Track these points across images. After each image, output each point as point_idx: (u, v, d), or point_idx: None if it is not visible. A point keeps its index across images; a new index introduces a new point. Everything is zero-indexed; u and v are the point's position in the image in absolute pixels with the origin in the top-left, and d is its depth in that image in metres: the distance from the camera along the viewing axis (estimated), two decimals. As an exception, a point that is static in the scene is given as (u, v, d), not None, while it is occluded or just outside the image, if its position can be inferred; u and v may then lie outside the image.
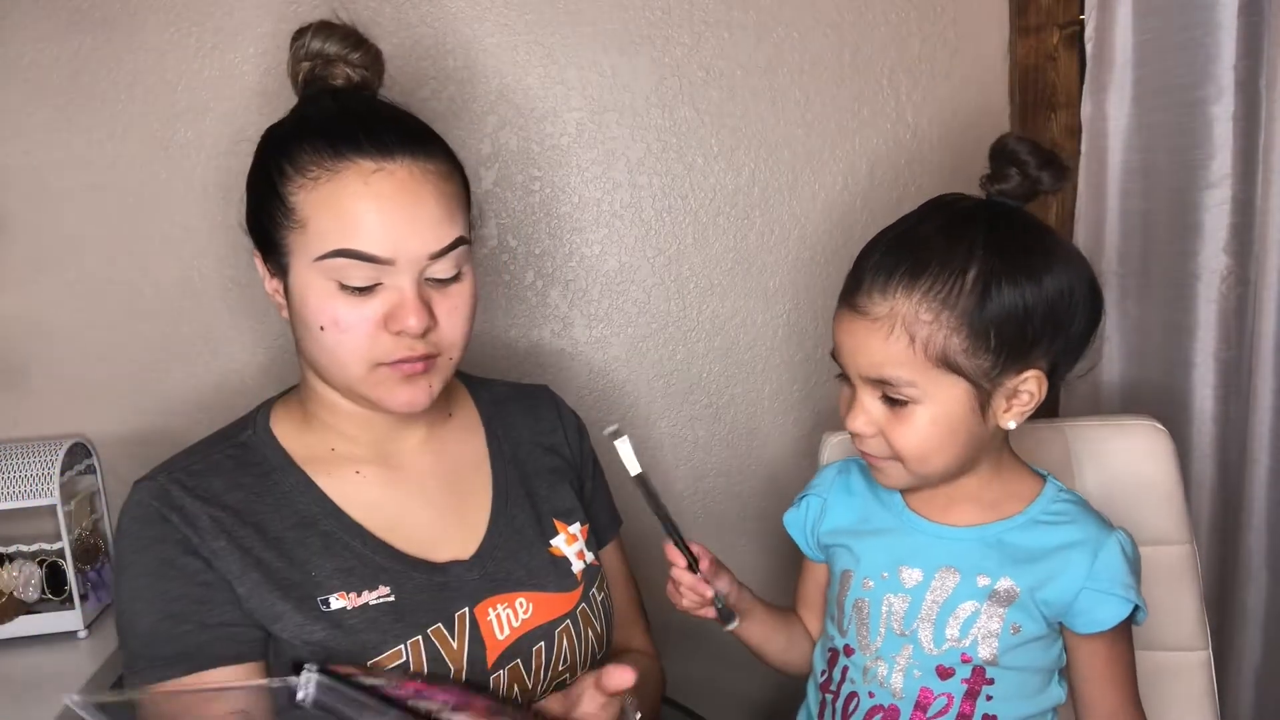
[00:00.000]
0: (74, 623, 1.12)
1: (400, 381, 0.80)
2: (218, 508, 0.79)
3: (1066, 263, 0.77)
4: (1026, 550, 0.80)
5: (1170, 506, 1.02)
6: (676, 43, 1.25)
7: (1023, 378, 0.77)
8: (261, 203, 0.80)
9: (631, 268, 1.30)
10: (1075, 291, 0.77)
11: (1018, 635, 0.79)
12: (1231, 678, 1.27)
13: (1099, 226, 1.28)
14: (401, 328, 0.77)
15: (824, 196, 1.30)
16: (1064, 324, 0.77)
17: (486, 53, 1.22)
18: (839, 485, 0.93)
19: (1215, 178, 1.18)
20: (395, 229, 0.76)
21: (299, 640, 0.78)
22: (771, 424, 1.36)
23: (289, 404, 0.89)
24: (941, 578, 0.81)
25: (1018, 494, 0.83)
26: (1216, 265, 1.20)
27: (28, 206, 1.18)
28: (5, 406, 1.21)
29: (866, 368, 0.77)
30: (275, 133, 0.82)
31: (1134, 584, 0.78)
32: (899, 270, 0.75)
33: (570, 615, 0.88)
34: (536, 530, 0.91)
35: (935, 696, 0.80)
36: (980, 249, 0.75)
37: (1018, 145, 0.78)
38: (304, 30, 0.83)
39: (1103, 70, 1.24)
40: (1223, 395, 1.23)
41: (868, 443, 0.80)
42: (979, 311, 0.74)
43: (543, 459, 0.96)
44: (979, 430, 0.78)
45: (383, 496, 0.86)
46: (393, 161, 0.77)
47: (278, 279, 0.82)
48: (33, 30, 1.15)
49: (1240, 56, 1.14)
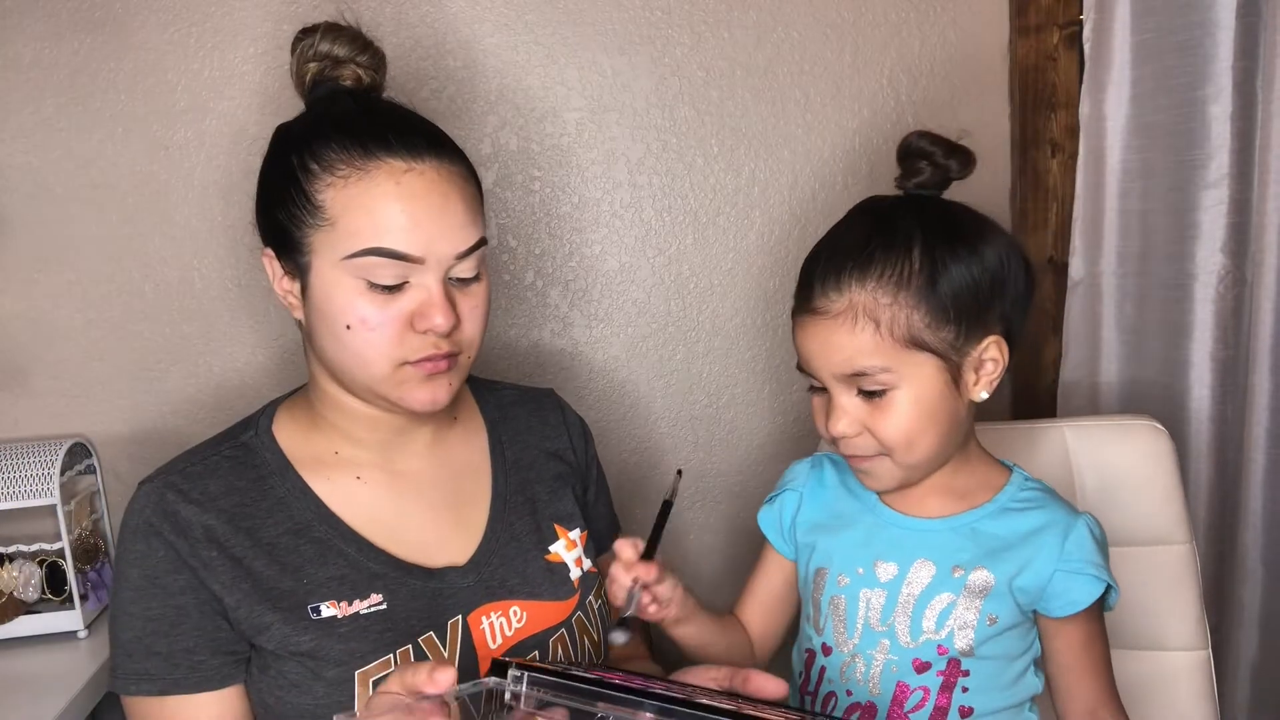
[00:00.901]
0: (74, 623, 1.12)
1: (422, 380, 0.80)
2: (212, 513, 0.80)
3: (993, 233, 0.81)
4: (999, 538, 0.81)
5: (1169, 506, 1.02)
6: (676, 43, 1.25)
7: (984, 345, 0.79)
8: (280, 201, 0.79)
9: (631, 268, 1.30)
10: (1009, 257, 0.81)
11: (994, 626, 0.80)
12: (1228, 675, 1.28)
13: (1097, 226, 1.28)
14: (429, 326, 0.77)
15: (824, 196, 1.30)
16: (1007, 287, 0.80)
17: (486, 53, 1.22)
18: (813, 480, 0.93)
19: (1213, 178, 1.18)
20: (426, 228, 0.76)
21: (285, 651, 0.78)
22: (772, 424, 1.36)
23: (295, 405, 0.89)
24: (916, 570, 0.82)
25: (986, 484, 0.85)
26: (1214, 265, 1.20)
27: (28, 206, 1.18)
28: (5, 406, 1.21)
29: (838, 364, 0.78)
30: (293, 130, 0.82)
31: (1104, 563, 0.80)
32: (847, 266, 0.78)
33: (565, 624, 0.88)
34: (535, 537, 0.90)
35: (912, 691, 0.81)
36: (917, 232, 0.78)
37: (920, 140, 0.82)
38: (310, 31, 0.83)
39: (1101, 70, 1.24)
40: (1220, 395, 1.24)
41: (853, 443, 0.81)
42: (932, 287, 0.76)
43: (546, 465, 0.96)
44: (956, 406, 0.80)
45: (382, 502, 0.86)
46: (422, 162, 0.77)
47: (293, 279, 0.81)
48: (33, 30, 1.15)
49: (1238, 57, 1.14)
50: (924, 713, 0.81)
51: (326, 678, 0.77)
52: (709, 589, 1.35)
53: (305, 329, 0.83)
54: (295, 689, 0.78)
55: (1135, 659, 1.00)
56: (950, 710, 0.81)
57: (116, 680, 0.80)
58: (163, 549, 0.78)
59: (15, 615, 1.11)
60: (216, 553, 0.78)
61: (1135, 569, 1.00)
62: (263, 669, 0.79)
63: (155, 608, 0.79)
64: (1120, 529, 1.02)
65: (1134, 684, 0.92)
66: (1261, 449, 1.18)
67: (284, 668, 0.78)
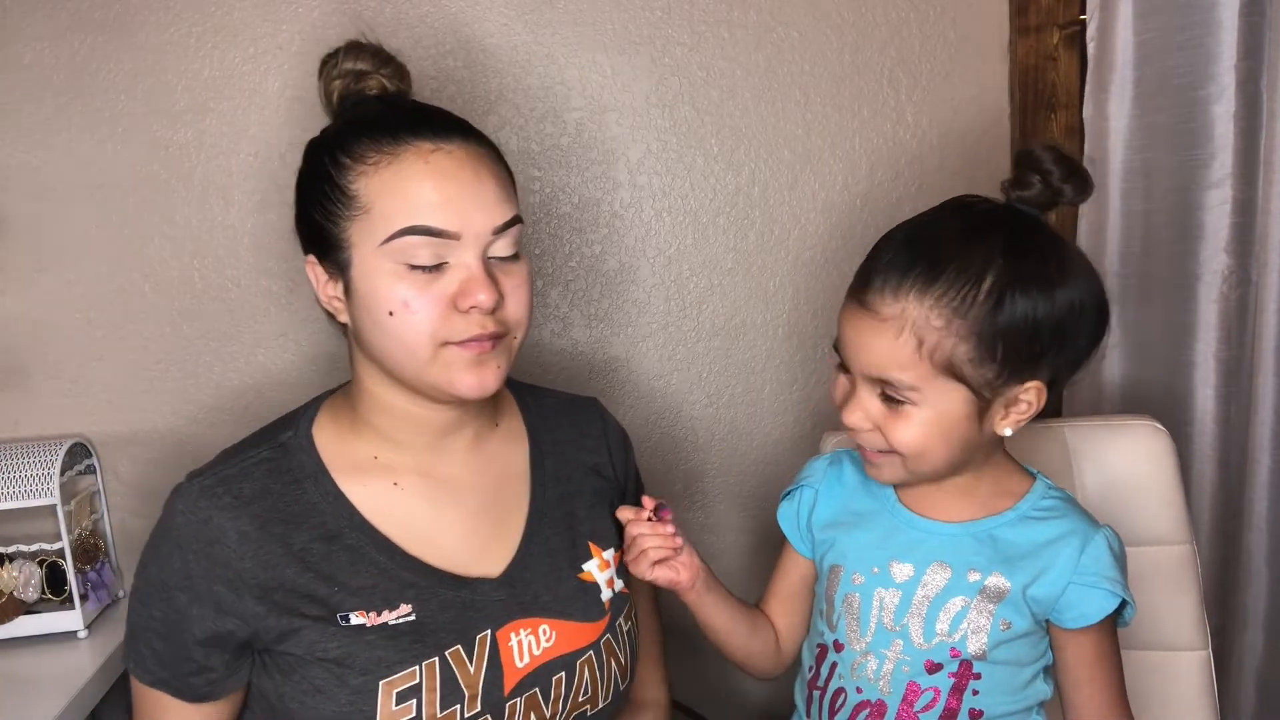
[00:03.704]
0: (74, 623, 1.12)
1: (469, 364, 0.78)
2: (245, 518, 0.79)
3: (1079, 277, 0.76)
4: (1016, 546, 0.80)
5: (1170, 507, 1.02)
6: (676, 43, 1.24)
7: (1024, 388, 0.76)
8: (316, 200, 0.80)
9: (631, 268, 1.30)
10: (1085, 306, 0.76)
11: (1008, 631, 0.79)
12: (1233, 678, 1.27)
13: (1100, 226, 1.28)
14: (473, 303, 0.77)
15: (824, 196, 1.30)
16: (1070, 338, 0.76)
17: (486, 53, 1.22)
18: (830, 476, 0.92)
19: (1216, 178, 1.18)
20: (459, 202, 0.77)
21: (312, 656, 0.78)
22: (771, 424, 1.36)
23: (337, 406, 0.88)
24: (932, 573, 0.81)
25: (1008, 490, 0.84)
26: (1218, 265, 1.20)
27: (28, 206, 1.18)
28: (5, 406, 1.21)
29: (869, 366, 0.77)
30: (324, 135, 0.83)
31: (1120, 579, 0.79)
32: (914, 271, 0.74)
33: (594, 646, 0.87)
34: (569, 555, 0.89)
35: (922, 691, 0.80)
36: (999, 256, 0.74)
37: (1043, 153, 0.77)
38: (334, 53, 0.85)
39: (1104, 70, 1.24)
40: (1224, 395, 1.23)
41: (864, 437, 0.80)
42: (990, 321, 0.73)
43: (585, 480, 0.95)
44: (973, 435, 0.78)
45: (418, 509, 0.85)
46: (449, 142, 0.78)
47: (335, 280, 0.81)
48: (33, 30, 1.15)
49: (1241, 56, 1.14)
50: (934, 713, 0.80)
51: (351, 685, 0.77)
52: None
53: (351, 329, 0.83)
54: (319, 694, 0.77)
55: (1135, 659, 0.99)
56: (960, 712, 0.80)
57: (125, 653, 0.84)
58: (180, 564, 0.79)
59: (15, 615, 1.11)
60: (250, 563, 0.78)
61: (1135, 569, 0.98)
62: (286, 674, 0.79)
63: (159, 610, 0.80)
64: (1120, 529, 1.00)
65: (1134, 684, 0.91)
66: (1266, 451, 1.18)
67: (309, 673, 0.78)
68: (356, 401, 0.86)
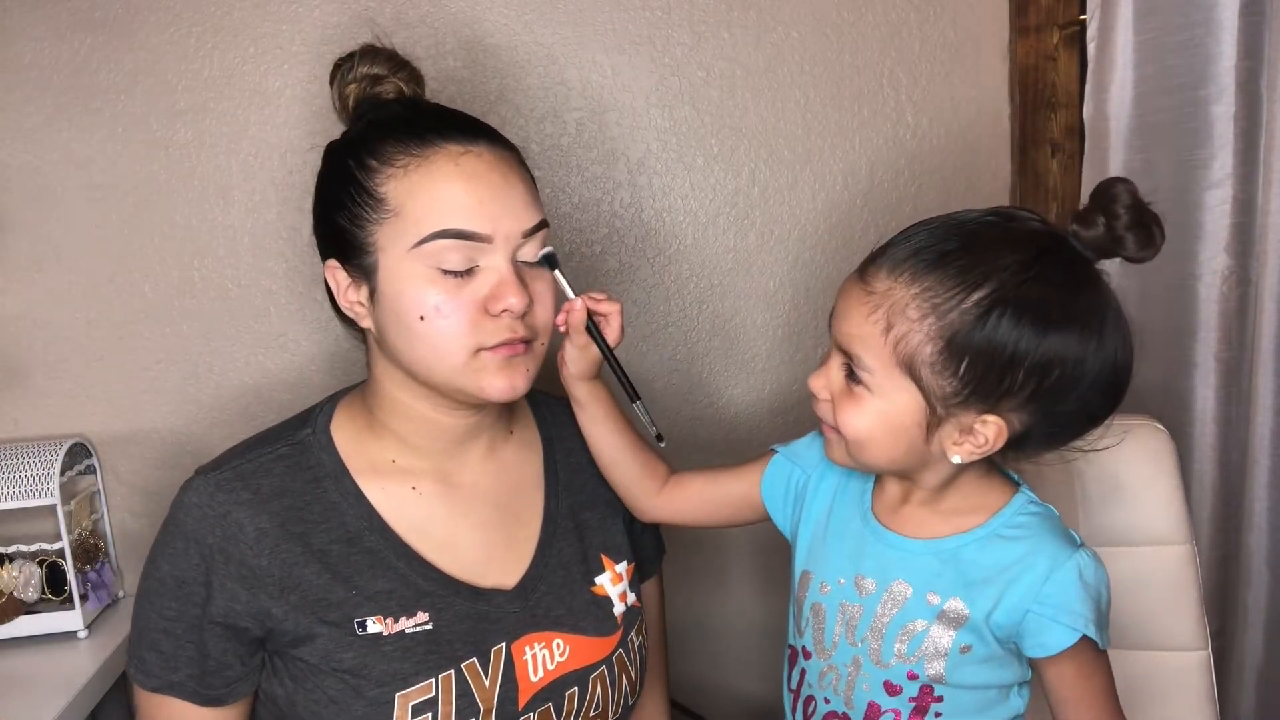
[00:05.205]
0: (74, 623, 1.12)
1: (500, 367, 0.78)
2: (264, 515, 0.78)
3: (1094, 337, 0.70)
4: (980, 567, 0.75)
5: (1170, 507, 1.02)
6: (676, 43, 1.24)
7: (982, 419, 0.71)
8: (340, 204, 0.79)
9: (631, 268, 1.30)
10: (1083, 368, 0.70)
11: (967, 655, 0.75)
12: (1234, 678, 1.27)
13: (1100, 226, 1.28)
14: (505, 306, 0.76)
15: (824, 196, 1.30)
16: (1051, 390, 0.70)
17: (486, 53, 1.22)
18: (824, 464, 0.88)
19: (1216, 178, 1.18)
20: (490, 205, 0.76)
21: (327, 666, 0.77)
22: (771, 424, 1.36)
23: (353, 406, 0.87)
24: (894, 591, 0.78)
25: (981, 505, 0.78)
26: (1218, 265, 1.20)
27: (28, 206, 1.18)
28: (5, 406, 1.21)
29: (841, 334, 0.75)
30: (345, 139, 0.82)
31: (1086, 611, 0.72)
32: (920, 256, 0.71)
33: (606, 661, 0.86)
34: (582, 568, 0.89)
35: (883, 711, 0.77)
36: (1009, 273, 0.69)
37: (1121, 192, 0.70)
38: (349, 56, 0.85)
39: (1104, 70, 1.24)
40: (1224, 395, 1.23)
41: (821, 407, 0.77)
42: (966, 333, 0.69)
43: (598, 489, 0.94)
44: (920, 447, 0.74)
45: (436, 514, 0.84)
46: (477, 145, 0.78)
47: (359, 286, 0.80)
48: (33, 30, 1.15)
49: (1241, 56, 1.14)
50: None
51: (367, 697, 0.76)
52: (706, 588, 1.35)
53: (374, 334, 0.81)
54: (333, 705, 0.77)
55: (1135, 659, 0.99)
56: None
57: (128, 658, 0.82)
58: (198, 559, 0.77)
59: (15, 615, 1.11)
60: (267, 561, 0.77)
61: (1135, 569, 0.99)
62: (299, 680, 0.78)
63: (172, 609, 0.78)
64: (1120, 529, 1.02)
65: (1134, 685, 0.91)
66: (1266, 451, 1.18)
67: (324, 683, 0.77)
68: (374, 404, 0.85)
